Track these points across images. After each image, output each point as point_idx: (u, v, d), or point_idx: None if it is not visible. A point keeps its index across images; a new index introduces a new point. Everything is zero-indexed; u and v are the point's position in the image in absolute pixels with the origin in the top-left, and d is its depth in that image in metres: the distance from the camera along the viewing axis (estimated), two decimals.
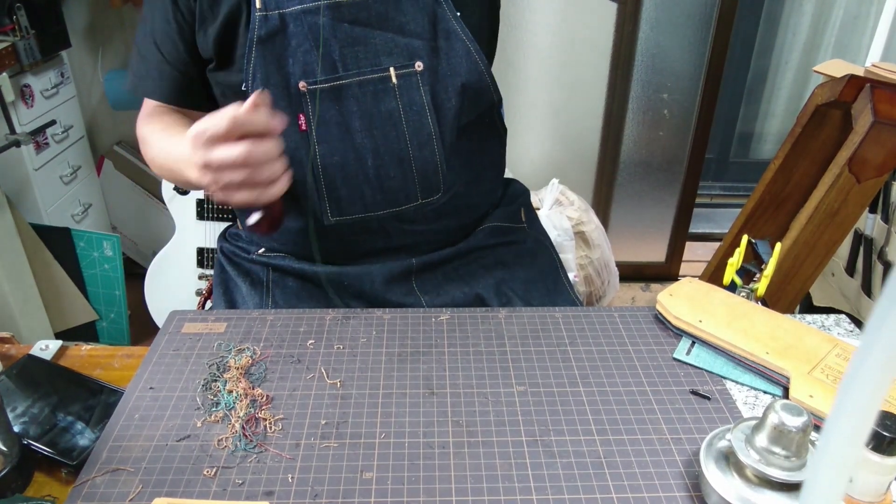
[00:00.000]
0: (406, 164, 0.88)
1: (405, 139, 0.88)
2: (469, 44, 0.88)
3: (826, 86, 1.49)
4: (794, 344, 0.74)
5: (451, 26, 0.87)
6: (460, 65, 0.88)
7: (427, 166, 0.89)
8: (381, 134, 0.87)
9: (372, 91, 0.86)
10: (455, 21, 0.87)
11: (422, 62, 0.87)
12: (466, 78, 0.89)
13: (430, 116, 0.88)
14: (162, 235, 2.00)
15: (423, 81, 0.87)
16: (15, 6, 1.63)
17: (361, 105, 0.86)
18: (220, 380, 0.71)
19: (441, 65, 0.88)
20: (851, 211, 1.48)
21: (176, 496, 0.58)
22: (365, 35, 0.85)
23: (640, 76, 2.07)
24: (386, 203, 0.90)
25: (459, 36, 0.88)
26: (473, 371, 0.73)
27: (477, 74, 0.89)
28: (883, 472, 0.54)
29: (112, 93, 1.97)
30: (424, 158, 0.89)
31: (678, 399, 0.70)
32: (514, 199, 1.08)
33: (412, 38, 0.87)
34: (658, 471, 0.62)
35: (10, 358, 0.76)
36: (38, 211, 1.79)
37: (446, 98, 0.89)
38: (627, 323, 0.81)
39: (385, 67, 0.86)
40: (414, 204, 0.91)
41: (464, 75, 0.88)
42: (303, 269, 0.94)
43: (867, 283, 1.61)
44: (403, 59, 0.86)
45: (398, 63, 0.86)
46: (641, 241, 2.35)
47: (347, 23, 0.84)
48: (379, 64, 0.86)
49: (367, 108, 0.86)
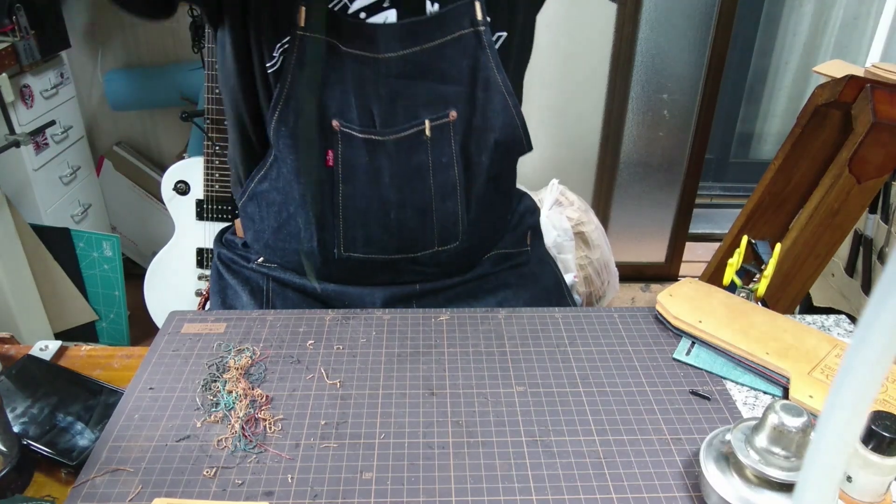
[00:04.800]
0: (427, 215, 0.86)
1: (430, 192, 0.85)
2: (508, 97, 0.84)
3: (826, 86, 1.49)
4: (793, 344, 0.74)
5: (492, 76, 0.83)
6: (496, 119, 0.84)
7: (448, 217, 0.87)
8: (409, 187, 0.84)
9: (406, 147, 0.83)
10: (497, 71, 0.82)
11: (456, 111, 0.83)
12: (500, 134, 0.85)
13: (457, 168, 0.85)
14: (161, 235, 2.00)
15: (455, 131, 0.83)
16: (15, 6, 1.63)
17: (393, 161, 0.83)
18: (219, 380, 0.71)
19: (476, 117, 0.84)
20: (851, 211, 1.48)
21: (176, 496, 0.58)
22: (407, 88, 0.81)
23: (640, 76, 2.07)
24: (401, 248, 0.88)
25: (499, 88, 0.83)
26: (473, 371, 0.73)
27: (511, 129, 0.85)
28: (883, 473, 0.54)
29: (112, 93, 1.97)
30: (446, 209, 0.86)
31: (678, 399, 0.70)
32: (521, 220, 1.04)
33: (450, 85, 0.82)
34: (658, 471, 0.62)
35: (9, 358, 0.76)
36: (38, 211, 1.78)
37: (476, 153, 0.85)
38: (627, 323, 0.81)
39: (421, 121, 0.82)
40: (429, 251, 0.89)
41: (498, 131, 0.85)
42: (304, 284, 0.92)
43: (867, 283, 1.61)
44: (439, 109, 0.83)
45: (434, 115, 0.83)
46: (641, 242, 2.35)
47: (393, 77, 0.81)
48: (417, 117, 0.82)
49: (398, 163, 0.83)
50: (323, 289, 0.92)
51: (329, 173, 0.83)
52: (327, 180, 0.84)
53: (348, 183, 0.83)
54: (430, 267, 0.92)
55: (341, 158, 0.82)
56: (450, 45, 0.81)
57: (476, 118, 0.84)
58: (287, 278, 0.93)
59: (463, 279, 0.95)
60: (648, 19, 1.98)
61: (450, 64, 0.82)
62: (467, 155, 0.85)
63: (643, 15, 1.97)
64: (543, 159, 2.17)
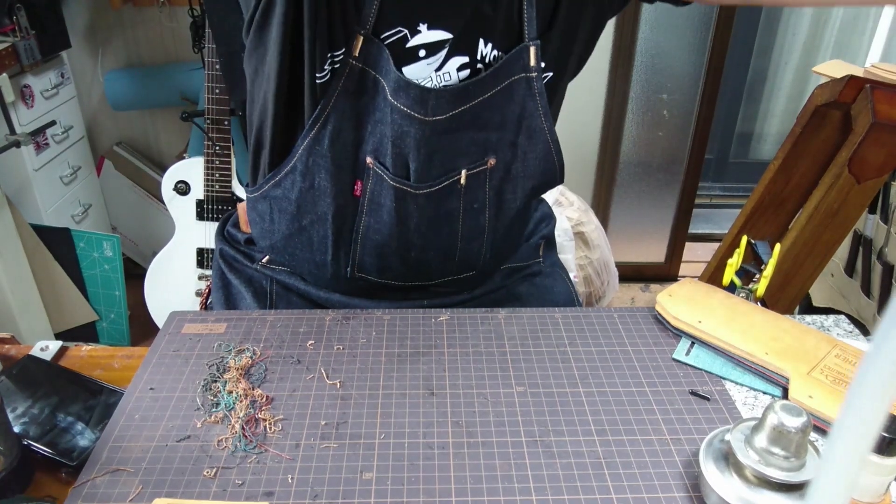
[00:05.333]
0: (450, 254, 0.84)
1: (457, 235, 0.82)
2: (552, 145, 0.80)
3: (826, 86, 1.49)
4: (793, 344, 0.74)
5: (538, 124, 0.79)
6: (537, 167, 0.81)
7: (471, 255, 0.85)
8: (435, 231, 0.81)
9: (437, 196, 0.79)
10: (544, 119, 0.79)
11: (495, 158, 0.78)
12: (539, 180, 0.82)
13: (488, 212, 0.82)
14: (162, 235, 2.00)
15: (492, 177, 0.80)
16: (15, 6, 1.63)
17: (422, 210, 0.80)
18: (220, 380, 0.72)
19: (516, 163, 0.80)
20: (851, 211, 1.48)
21: (176, 496, 0.58)
22: (449, 143, 0.77)
23: (640, 76, 2.07)
24: (417, 278, 0.86)
25: (544, 136, 0.80)
26: (473, 371, 0.73)
27: (551, 175, 0.83)
28: (883, 473, 0.54)
29: (112, 93, 1.98)
30: (471, 250, 0.84)
31: (678, 399, 0.70)
32: (535, 230, 1.01)
33: (492, 132, 0.78)
34: (658, 471, 0.62)
35: (10, 358, 0.76)
36: (38, 211, 1.79)
37: (512, 199, 0.82)
38: (627, 323, 0.82)
39: (458, 171, 0.78)
40: (446, 279, 0.87)
41: (537, 178, 0.82)
42: (308, 291, 0.91)
43: (866, 283, 1.61)
44: (478, 157, 0.78)
45: (472, 163, 0.78)
46: (641, 242, 2.35)
47: (437, 135, 0.76)
48: (453, 168, 0.78)
49: (427, 212, 0.80)
50: (328, 298, 0.90)
51: (354, 202, 0.80)
52: (351, 208, 0.81)
53: (371, 216, 0.80)
54: (443, 288, 0.91)
55: (369, 193, 0.79)
56: (499, 94, 0.76)
57: (516, 165, 0.80)
58: (292, 283, 0.91)
59: (472, 295, 0.93)
60: (648, 19, 1.98)
61: (496, 112, 0.77)
62: (501, 200, 0.82)
63: (643, 15, 1.97)
64: None
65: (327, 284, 0.90)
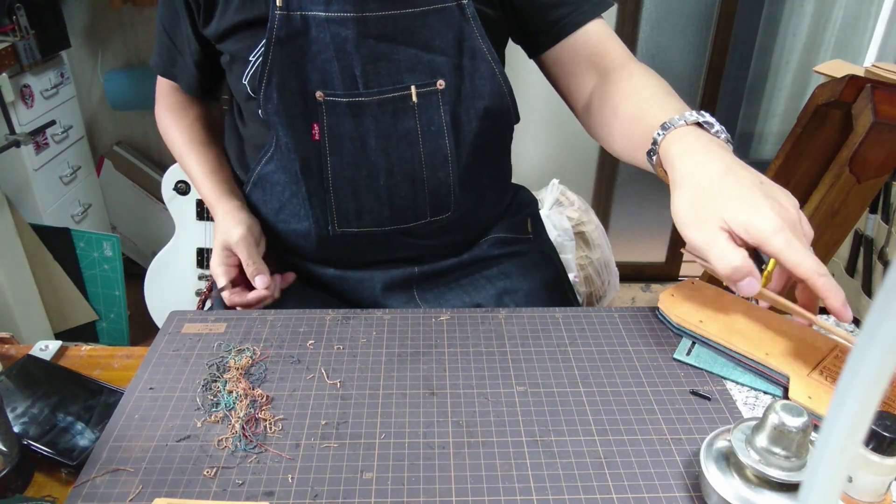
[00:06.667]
0: (418, 184, 0.87)
1: (420, 160, 0.86)
2: (494, 65, 0.85)
3: (826, 86, 1.49)
4: (793, 345, 0.74)
5: (478, 45, 0.84)
6: (484, 87, 0.85)
7: (440, 187, 0.88)
8: (397, 153, 0.85)
9: (391, 110, 0.83)
10: (482, 40, 0.84)
11: (444, 80, 0.83)
12: (489, 101, 0.86)
13: (447, 137, 0.85)
14: (162, 235, 2.00)
15: (444, 101, 0.84)
16: (15, 6, 1.63)
17: (379, 123, 0.84)
18: (219, 380, 0.71)
19: (464, 85, 0.85)
20: (852, 211, 1.48)
21: (176, 496, 0.58)
22: (389, 51, 0.82)
23: None
24: (393, 220, 0.89)
25: (485, 56, 0.84)
26: (473, 371, 0.73)
27: (500, 98, 0.86)
28: (883, 473, 0.54)
29: (112, 93, 1.98)
30: (438, 179, 0.87)
31: (678, 399, 0.70)
32: (520, 209, 1.05)
33: (436, 55, 0.83)
34: (658, 471, 0.62)
35: (9, 358, 0.76)
36: (38, 211, 1.79)
37: (466, 120, 0.86)
38: (627, 323, 0.81)
39: (406, 85, 0.83)
40: (422, 221, 0.90)
41: (487, 98, 0.85)
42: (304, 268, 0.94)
43: (867, 283, 1.61)
44: (426, 77, 0.83)
45: (420, 81, 0.83)
46: (641, 242, 2.36)
47: (372, 38, 0.81)
48: (401, 81, 0.83)
49: (384, 127, 0.84)
50: (322, 273, 0.93)
51: (316, 147, 0.85)
52: (314, 155, 0.85)
53: (335, 154, 0.85)
54: (425, 240, 0.93)
55: (326, 130, 0.84)
56: (433, 15, 0.82)
57: (465, 86, 0.85)
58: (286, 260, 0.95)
59: (460, 261, 0.96)
60: (648, 19, 1.98)
61: (434, 34, 0.82)
62: (457, 124, 0.86)
63: (643, 14, 1.97)
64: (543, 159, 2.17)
65: (317, 257, 0.93)
